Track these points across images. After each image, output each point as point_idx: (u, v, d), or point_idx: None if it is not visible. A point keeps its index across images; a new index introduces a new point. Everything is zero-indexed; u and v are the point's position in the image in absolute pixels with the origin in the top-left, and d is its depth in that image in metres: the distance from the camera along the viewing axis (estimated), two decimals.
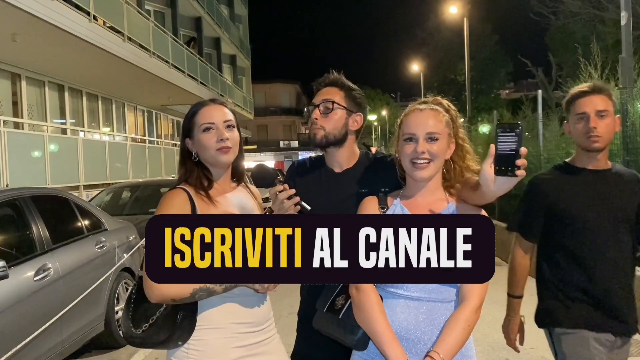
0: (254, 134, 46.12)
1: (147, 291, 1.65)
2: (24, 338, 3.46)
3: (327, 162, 2.14)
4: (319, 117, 2.05)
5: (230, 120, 1.84)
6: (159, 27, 15.29)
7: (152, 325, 1.69)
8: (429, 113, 1.77)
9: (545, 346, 4.54)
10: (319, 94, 2.10)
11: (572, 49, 13.06)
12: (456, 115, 1.82)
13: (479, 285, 1.69)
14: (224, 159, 1.82)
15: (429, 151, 1.73)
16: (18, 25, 8.67)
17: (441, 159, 1.76)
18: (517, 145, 1.45)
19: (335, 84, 2.09)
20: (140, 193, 8.95)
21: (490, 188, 1.54)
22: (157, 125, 20.34)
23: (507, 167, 1.47)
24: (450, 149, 1.78)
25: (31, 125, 11.30)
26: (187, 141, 1.86)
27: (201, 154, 1.83)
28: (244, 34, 32.12)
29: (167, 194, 1.78)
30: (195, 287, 1.63)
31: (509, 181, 1.49)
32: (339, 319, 1.75)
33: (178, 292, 1.64)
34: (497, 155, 1.48)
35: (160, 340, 1.70)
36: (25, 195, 4.22)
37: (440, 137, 1.74)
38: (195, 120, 1.83)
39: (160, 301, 1.66)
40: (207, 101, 1.88)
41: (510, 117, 9.77)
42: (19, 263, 3.74)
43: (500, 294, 6.69)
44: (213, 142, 1.79)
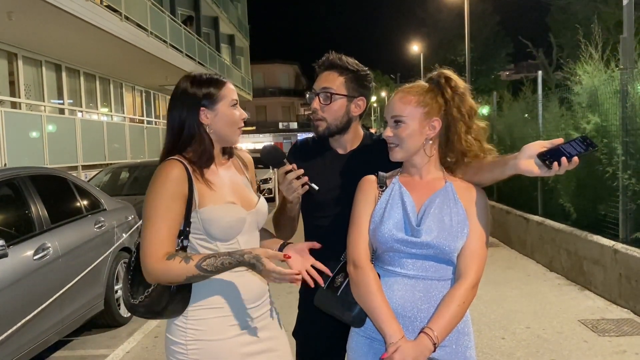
0: (253, 115, 45.90)
1: (144, 273, 1.66)
2: (23, 316, 3.48)
3: (331, 143, 2.11)
4: (319, 107, 2.02)
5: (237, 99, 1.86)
6: (156, 6, 15.11)
7: (149, 296, 1.69)
8: (397, 96, 1.79)
9: (540, 325, 4.61)
10: (319, 78, 2.05)
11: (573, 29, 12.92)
12: (453, 92, 1.76)
13: (476, 263, 1.70)
14: (239, 138, 1.83)
15: (395, 135, 1.76)
16: (14, 3, 8.56)
17: (412, 141, 1.74)
18: (577, 153, 1.53)
19: (335, 67, 2.03)
20: (138, 173, 8.95)
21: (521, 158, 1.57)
22: (155, 105, 20.23)
23: (552, 159, 1.54)
24: (434, 127, 1.75)
25: (29, 105, 11.24)
26: (204, 110, 1.76)
27: (220, 128, 1.77)
28: (243, 13, 31.79)
29: (163, 165, 1.73)
30: (188, 274, 1.63)
31: (540, 168, 1.55)
32: (337, 296, 1.77)
33: (172, 278, 1.64)
34: (556, 147, 1.55)
35: (157, 310, 1.71)
36: (23, 174, 4.21)
37: (405, 119, 1.74)
38: (224, 93, 1.78)
39: (155, 282, 1.68)
40: (221, 76, 1.84)
41: (511, 98, 9.69)
42: (18, 242, 3.74)
43: (498, 274, 6.80)
44: (239, 118, 1.80)
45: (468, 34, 18.17)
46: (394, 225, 1.71)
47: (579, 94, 6.22)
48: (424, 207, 1.73)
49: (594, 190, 5.88)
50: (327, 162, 2.08)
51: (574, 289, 5.73)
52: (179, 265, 1.62)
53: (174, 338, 1.75)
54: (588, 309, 5.03)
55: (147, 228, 1.66)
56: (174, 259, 1.63)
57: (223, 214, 1.72)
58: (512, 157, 1.62)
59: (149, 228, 1.66)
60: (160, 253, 1.63)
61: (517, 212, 7.85)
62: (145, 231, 1.67)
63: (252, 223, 1.82)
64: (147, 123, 16.62)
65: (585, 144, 1.53)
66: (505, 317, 4.88)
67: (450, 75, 1.79)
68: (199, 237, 1.73)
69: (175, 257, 1.64)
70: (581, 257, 5.77)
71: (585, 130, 5.89)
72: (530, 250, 7.28)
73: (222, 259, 1.64)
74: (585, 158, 5.75)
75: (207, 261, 1.64)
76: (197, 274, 1.63)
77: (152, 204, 1.68)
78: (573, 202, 6.29)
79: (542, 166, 1.54)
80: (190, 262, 1.63)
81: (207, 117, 1.77)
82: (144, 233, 1.67)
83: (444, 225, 1.69)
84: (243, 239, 1.78)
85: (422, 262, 1.70)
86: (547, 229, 6.68)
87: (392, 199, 1.76)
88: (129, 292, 1.74)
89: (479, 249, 1.71)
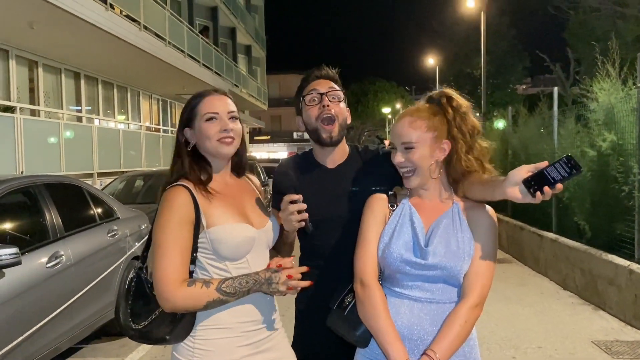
0: (268, 125, 46.10)
1: (160, 302, 1.63)
2: (36, 323, 3.52)
3: (319, 158, 2.09)
4: (330, 104, 1.99)
5: (234, 111, 1.80)
6: (174, 17, 15.31)
7: (153, 322, 1.67)
8: (405, 122, 1.76)
9: (552, 345, 4.54)
10: (318, 83, 2.02)
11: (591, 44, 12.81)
12: (455, 111, 1.75)
13: (480, 283, 1.68)
14: (225, 151, 1.76)
15: (406, 159, 1.74)
16: (35, 12, 8.74)
17: (425, 166, 1.74)
18: (561, 179, 1.49)
19: (332, 79, 2.05)
20: (153, 182, 8.99)
21: (506, 185, 1.54)
22: (171, 114, 20.42)
23: (536, 185, 1.50)
24: (444, 150, 1.75)
25: (47, 112, 11.41)
26: (187, 131, 1.79)
27: (202, 144, 1.77)
28: (260, 24, 32.06)
29: (168, 192, 1.72)
30: (209, 299, 1.62)
31: (525, 196, 1.52)
32: (344, 315, 1.76)
33: (192, 304, 1.63)
34: (540, 172, 1.51)
35: (159, 337, 1.69)
36: (39, 182, 4.27)
37: (417, 145, 1.73)
38: (198, 109, 1.76)
39: (173, 311, 1.65)
40: (210, 91, 1.82)
41: (526, 113, 9.63)
42: (31, 250, 3.79)
43: (510, 291, 6.72)
44: (215, 131, 1.74)
45: (484, 48, 18.12)
46: (403, 246, 1.70)
47: (595, 111, 6.17)
48: (432, 229, 1.73)
49: (609, 209, 5.81)
50: (316, 178, 2.05)
51: (587, 308, 5.64)
52: (200, 291, 1.61)
53: (181, 357, 1.72)
54: (602, 330, 4.95)
55: (160, 257, 1.64)
56: (195, 285, 1.62)
57: (232, 233, 1.71)
58: (502, 181, 1.58)
59: (162, 256, 1.64)
60: (178, 280, 1.62)
61: (531, 228, 7.78)
62: (157, 260, 1.64)
63: (261, 242, 1.80)
64: (163, 132, 16.76)
65: (569, 166, 1.49)
66: (517, 335, 4.82)
67: (452, 94, 1.78)
68: (208, 257, 1.71)
69: (195, 282, 1.63)
70: (595, 277, 5.69)
71: (602, 148, 5.83)
72: (543, 268, 7.19)
73: (239, 279, 1.65)
74: (601, 176, 5.62)
75: (226, 283, 1.64)
76: (218, 298, 1.63)
77: (162, 232, 1.66)
78: (588, 220, 6.22)
79: (527, 194, 1.51)
80: (211, 286, 1.62)
81: (192, 136, 1.79)
82: (157, 262, 1.64)
83: (450, 247, 1.68)
84: (252, 258, 1.76)
85: (430, 284, 1.69)
86: (561, 247, 6.60)
87: (402, 219, 1.76)
88: (129, 316, 1.70)
89: (484, 269, 1.69)
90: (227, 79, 20.39)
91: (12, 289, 3.43)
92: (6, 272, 3.36)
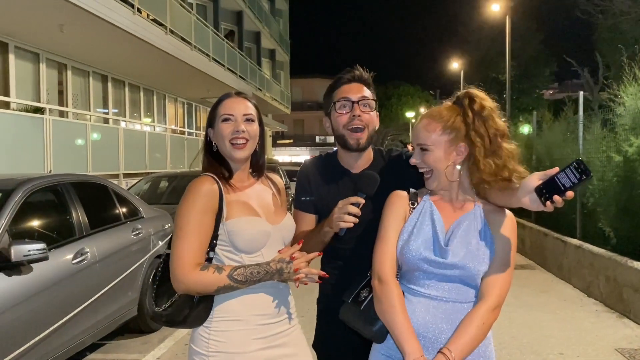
0: (290, 129, 46.33)
1: (174, 283, 1.71)
2: (61, 318, 3.61)
3: (343, 162, 2.08)
4: (361, 114, 1.98)
5: (251, 114, 1.86)
6: (200, 21, 15.51)
7: (172, 305, 1.74)
8: (422, 124, 1.78)
9: (574, 352, 4.47)
10: (349, 89, 2.00)
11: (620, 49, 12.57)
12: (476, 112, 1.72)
13: (499, 286, 1.68)
14: (237, 155, 1.83)
15: (423, 162, 1.76)
16: (65, 16, 8.95)
17: (441, 168, 1.74)
18: (572, 186, 1.47)
19: (364, 82, 2.04)
20: (177, 183, 9.13)
21: (520, 194, 1.54)
22: (196, 117, 20.66)
23: (547, 193, 1.49)
24: (461, 152, 1.74)
25: (75, 114, 11.66)
26: (210, 131, 1.89)
27: (219, 145, 1.85)
28: (284, 28, 32.25)
29: (195, 180, 1.80)
30: (220, 284, 1.69)
31: (537, 205, 1.51)
32: (361, 310, 1.77)
33: (203, 288, 1.70)
34: (551, 179, 1.49)
35: (179, 320, 1.75)
36: (67, 181, 4.38)
37: (431, 147, 1.74)
38: (218, 110, 1.86)
39: (185, 293, 1.72)
40: (232, 93, 1.92)
41: (551, 118, 9.51)
42: (58, 246, 3.89)
43: (532, 297, 6.63)
44: (228, 132, 1.82)
45: (509, 52, 17.95)
46: (423, 243, 1.71)
47: (622, 116, 6.07)
48: (452, 228, 1.73)
49: (635, 215, 5.70)
50: (340, 182, 2.06)
51: (611, 316, 5.54)
52: (212, 276, 1.69)
53: (197, 348, 1.78)
54: (626, 338, 4.86)
55: (179, 239, 1.72)
56: (207, 270, 1.69)
57: (247, 226, 1.77)
58: (517, 189, 1.58)
59: (181, 239, 1.72)
60: (193, 263, 1.70)
61: (555, 234, 7.67)
62: (176, 242, 1.72)
63: (277, 238, 1.84)
64: (188, 134, 16.98)
65: (579, 172, 1.46)
66: (538, 342, 4.76)
67: (476, 95, 1.75)
68: (225, 248, 1.78)
69: (209, 267, 1.70)
70: (620, 284, 5.59)
71: (628, 153, 5.73)
72: (567, 274, 7.08)
73: (250, 268, 1.72)
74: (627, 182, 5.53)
75: (238, 271, 1.70)
76: (228, 284, 1.69)
77: (184, 216, 1.74)
78: (613, 226, 6.11)
79: (538, 202, 1.50)
80: (223, 272, 1.69)
81: (213, 135, 1.88)
82: (176, 244, 1.72)
83: (470, 248, 1.68)
84: (267, 253, 1.80)
85: (447, 284, 1.70)
86: (586, 253, 6.50)
87: (422, 217, 1.76)
88: (153, 300, 1.79)
89: (503, 273, 1.69)
90: (251, 83, 20.56)
91: (39, 284, 3.52)
92: (34, 267, 3.46)
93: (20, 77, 10.37)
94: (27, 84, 10.74)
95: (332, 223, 1.86)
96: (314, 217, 2.08)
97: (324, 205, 2.03)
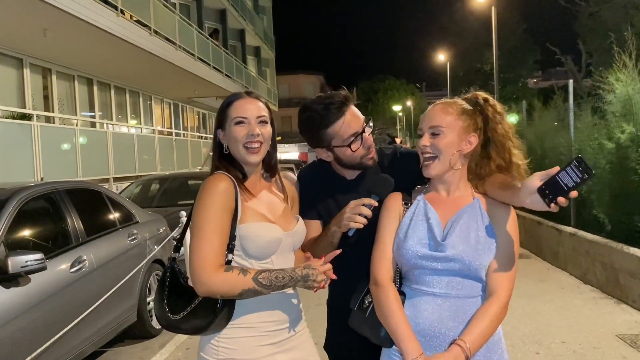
0: (278, 126, 45.94)
1: (196, 286, 1.64)
2: (61, 328, 3.56)
3: (337, 169, 2.06)
4: (371, 140, 1.97)
5: (264, 115, 1.80)
6: (184, 20, 15.39)
7: (192, 312, 1.68)
8: (437, 107, 1.76)
9: (575, 339, 4.50)
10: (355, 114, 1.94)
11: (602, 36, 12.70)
12: (494, 110, 1.77)
13: (507, 280, 1.68)
14: (251, 160, 1.78)
15: (431, 144, 1.72)
16: (48, 20, 8.84)
17: (448, 153, 1.72)
18: (574, 185, 1.45)
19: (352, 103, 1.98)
20: (168, 185, 9.06)
21: (522, 195, 1.54)
22: (183, 117, 20.54)
23: (550, 194, 1.48)
24: (471, 143, 1.74)
25: (61, 118, 11.52)
26: (219, 132, 1.82)
27: (231, 147, 1.79)
28: (268, 25, 32.13)
29: (211, 178, 1.73)
30: (245, 287, 1.63)
31: (541, 204, 1.50)
32: (366, 317, 1.77)
33: (228, 290, 1.64)
34: (552, 179, 1.48)
35: (198, 326, 1.69)
36: (60, 188, 4.31)
37: (444, 130, 1.71)
38: (229, 112, 1.79)
39: (207, 295, 1.66)
40: (243, 94, 1.84)
41: (541, 107, 9.56)
42: (55, 255, 3.82)
43: (531, 286, 6.66)
44: (243, 135, 1.75)
45: (496, 43, 18.02)
46: (418, 242, 1.70)
47: (612, 103, 6.11)
48: (451, 223, 1.72)
49: (629, 201, 5.74)
50: (334, 190, 2.04)
51: (609, 302, 5.59)
52: (237, 278, 1.63)
53: (206, 356, 1.74)
54: (626, 323, 4.90)
55: (200, 239, 1.65)
56: (232, 271, 1.63)
57: (260, 232, 1.73)
58: (518, 190, 1.58)
59: (201, 239, 1.65)
60: (216, 264, 1.63)
61: (549, 222, 7.72)
62: (196, 242, 1.65)
63: (287, 244, 1.81)
64: (176, 135, 16.86)
65: (580, 170, 1.45)
66: (539, 331, 4.79)
67: (488, 96, 1.80)
68: (236, 252, 1.73)
69: (233, 269, 1.64)
70: (617, 270, 5.63)
71: (620, 140, 5.77)
72: (563, 262, 7.13)
73: (275, 273, 1.67)
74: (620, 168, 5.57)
75: (263, 275, 1.65)
76: (253, 288, 1.63)
77: (203, 215, 1.67)
78: (607, 213, 6.16)
79: (542, 203, 1.49)
80: (248, 275, 1.64)
81: (223, 137, 1.81)
82: (196, 244, 1.65)
83: (469, 241, 1.67)
84: (277, 260, 1.77)
85: (449, 278, 1.68)
86: (581, 241, 6.55)
87: (416, 216, 1.76)
88: (166, 308, 1.73)
89: (510, 267, 1.69)
90: (238, 81, 20.46)
91: (38, 295, 3.47)
92: (32, 278, 3.40)
93: (4, 84, 10.24)
94: (11, 90, 10.60)
95: (340, 223, 1.85)
96: (319, 223, 2.07)
97: (324, 211, 2.04)
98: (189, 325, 1.70)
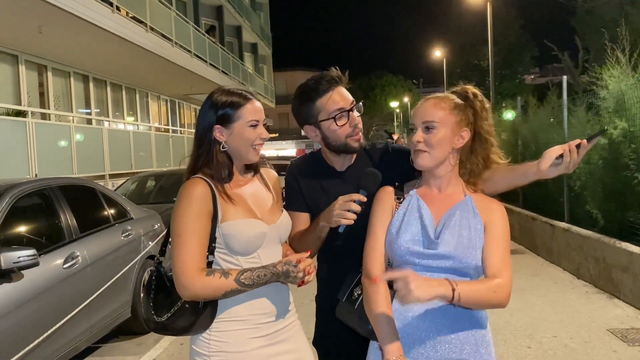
0: (275, 122, 46.15)
1: (179, 291, 1.68)
2: (54, 324, 3.57)
3: (329, 160, 2.08)
4: (359, 121, 2.00)
5: (266, 118, 1.88)
6: (180, 17, 15.36)
7: (175, 313, 1.72)
8: (430, 102, 1.77)
9: (567, 334, 4.53)
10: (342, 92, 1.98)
11: (599, 32, 12.66)
12: (482, 106, 1.78)
13: (505, 268, 1.67)
14: (255, 158, 1.84)
15: (425, 140, 1.73)
16: (44, 17, 8.82)
17: (441, 148, 1.72)
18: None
19: (343, 82, 2.01)
20: (164, 182, 9.08)
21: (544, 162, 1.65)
22: (180, 114, 20.52)
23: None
24: (463, 137, 1.75)
25: (57, 115, 11.51)
26: (221, 129, 1.79)
27: (236, 146, 1.80)
28: (265, 21, 32.07)
29: (187, 183, 1.76)
30: (227, 289, 1.67)
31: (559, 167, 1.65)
32: (355, 309, 1.77)
33: (211, 293, 1.68)
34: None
35: (183, 327, 1.73)
36: (54, 185, 4.32)
37: (438, 125, 1.72)
38: (242, 113, 1.79)
39: (191, 299, 1.70)
40: (250, 95, 1.84)
41: (536, 103, 9.58)
42: (48, 251, 3.84)
43: (524, 281, 6.69)
44: (255, 137, 1.80)
45: (491, 39, 18.02)
46: (411, 239, 1.70)
47: (605, 99, 6.13)
48: (443, 220, 1.72)
49: (621, 197, 5.77)
50: (325, 180, 2.06)
51: (602, 297, 5.62)
52: (219, 281, 1.66)
53: (198, 349, 1.77)
54: (617, 318, 4.93)
55: (179, 246, 1.69)
56: (214, 275, 1.67)
57: (243, 228, 1.75)
58: (534, 165, 1.69)
59: (180, 245, 1.69)
60: (197, 269, 1.67)
61: (543, 218, 7.75)
62: (176, 249, 1.69)
63: (273, 237, 1.83)
64: (172, 132, 16.85)
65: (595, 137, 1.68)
66: (532, 325, 4.82)
67: (477, 91, 1.81)
68: (220, 251, 1.75)
69: (214, 272, 1.68)
70: (610, 265, 5.66)
71: (612, 136, 5.80)
72: (556, 258, 7.16)
73: (257, 271, 1.70)
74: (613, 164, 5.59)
75: (245, 275, 1.68)
76: (236, 288, 1.67)
77: (180, 222, 1.71)
78: (600, 208, 6.18)
79: (561, 163, 1.64)
80: (229, 276, 1.67)
81: (222, 135, 1.80)
82: (176, 251, 1.69)
83: (462, 239, 1.67)
84: (264, 253, 1.79)
85: (440, 274, 1.67)
86: (574, 236, 6.58)
87: (409, 212, 1.75)
88: (151, 310, 1.76)
89: (505, 259, 1.69)
90: (235, 78, 20.45)
91: (31, 290, 3.48)
92: (25, 274, 3.41)
93: None
94: (7, 86, 10.58)
95: (329, 218, 1.86)
96: (307, 216, 2.08)
97: (313, 203, 2.04)
98: (175, 326, 1.74)
